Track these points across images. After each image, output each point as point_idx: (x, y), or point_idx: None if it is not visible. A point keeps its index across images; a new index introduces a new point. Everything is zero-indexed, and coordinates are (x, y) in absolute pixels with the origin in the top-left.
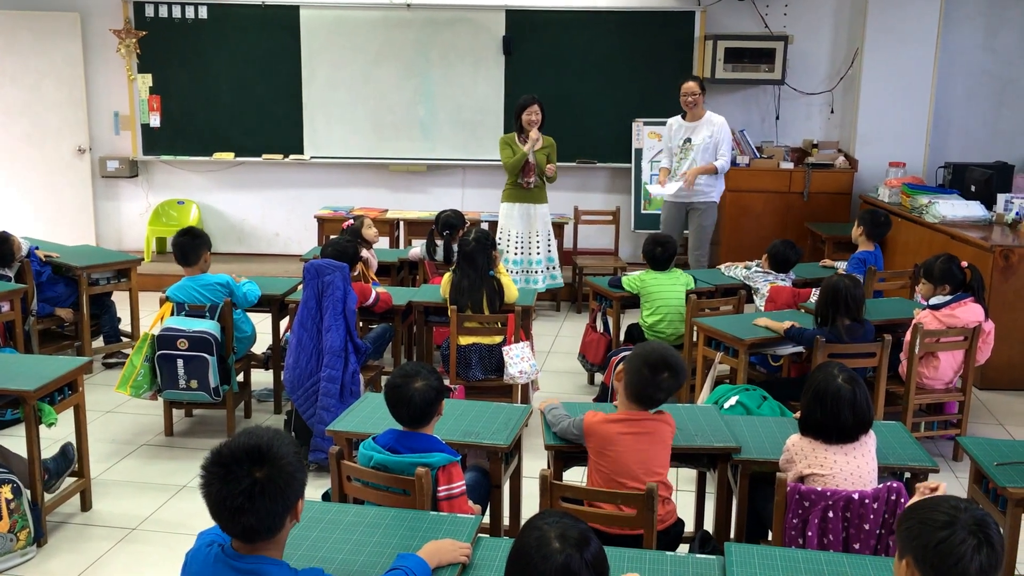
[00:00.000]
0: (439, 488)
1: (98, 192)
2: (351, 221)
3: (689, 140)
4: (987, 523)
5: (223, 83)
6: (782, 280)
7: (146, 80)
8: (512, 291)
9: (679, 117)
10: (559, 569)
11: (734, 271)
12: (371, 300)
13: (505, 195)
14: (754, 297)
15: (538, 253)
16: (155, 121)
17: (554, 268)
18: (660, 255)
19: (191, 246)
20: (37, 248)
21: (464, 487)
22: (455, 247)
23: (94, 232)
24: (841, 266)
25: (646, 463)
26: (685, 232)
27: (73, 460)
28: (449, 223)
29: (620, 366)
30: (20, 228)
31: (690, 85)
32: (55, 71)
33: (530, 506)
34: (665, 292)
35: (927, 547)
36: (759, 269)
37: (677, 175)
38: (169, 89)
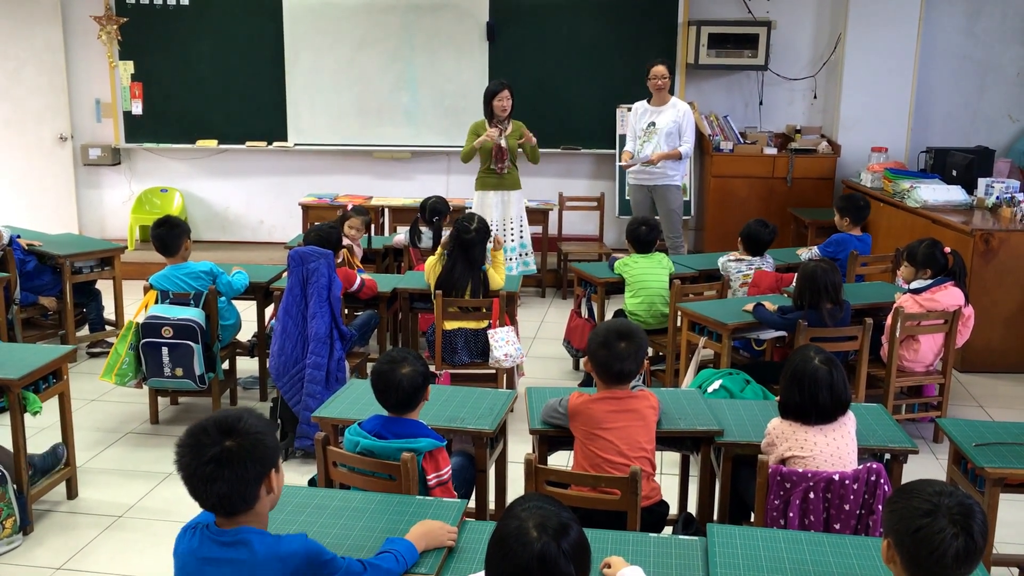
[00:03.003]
0: (429, 475)
1: (80, 180)
2: (348, 205)
3: (653, 124)
4: (971, 511)
5: (206, 70)
6: (757, 268)
7: (128, 67)
8: (496, 282)
9: (644, 101)
10: (536, 558)
11: (719, 260)
12: (356, 286)
13: (479, 183)
14: (728, 286)
15: (511, 240)
16: (137, 108)
17: (527, 255)
18: (645, 235)
19: (170, 236)
20: (19, 236)
21: (450, 472)
22: (444, 233)
23: (76, 220)
24: (807, 253)
25: (632, 440)
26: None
27: (61, 460)
28: (436, 209)
29: (585, 357)
30: (1, 217)
31: (660, 69)
32: (35, 58)
33: (515, 490)
34: (647, 276)
35: (906, 533)
36: (732, 259)
37: (640, 157)
38: (151, 76)
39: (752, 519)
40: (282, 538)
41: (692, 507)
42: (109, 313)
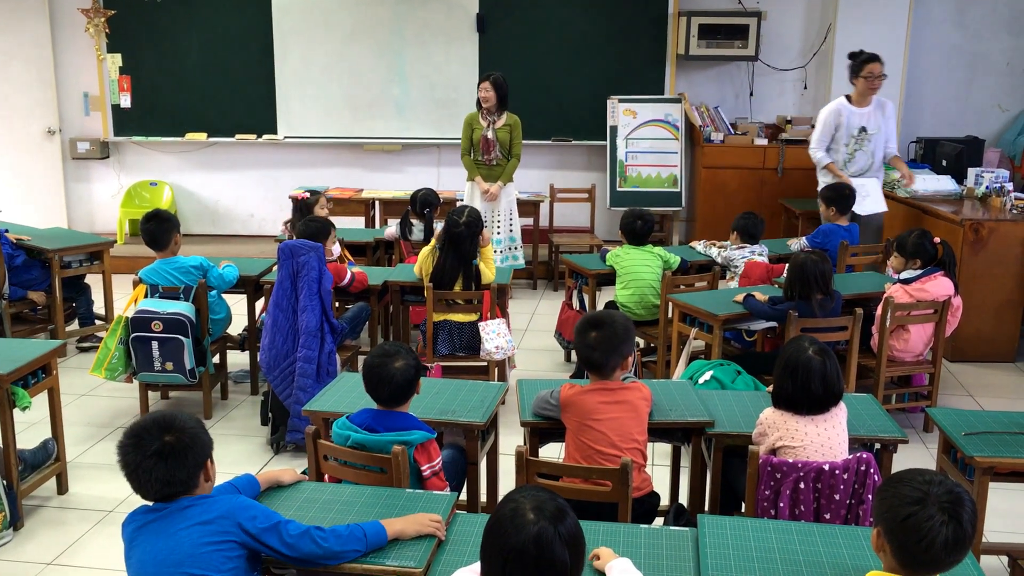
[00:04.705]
0: (423, 466)
1: (69, 174)
2: (306, 194)
3: (864, 129)
4: (960, 499)
5: (194, 62)
6: (760, 255)
7: (116, 60)
8: (487, 276)
9: (844, 102)
10: (531, 540)
11: (709, 251)
12: (346, 280)
13: (469, 173)
14: (727, 274)
15: (498, 233)
16: (126, 101)
17: (515, 248)
18: (640, 228)
19: (160, 231)
20: (7, 231)
21: (441, 462)
22: (436, 225)
23: (65, 215)
24: (796, 244)
25: (624, 431)
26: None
27: (52, 455)
28: (427, 201)
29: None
30: None
31: (879, 66)
32: (23, 52)
33: (507, 482)
34: (638, 267)
35: (895, 521)
36: (733, 248)
37: (851, 167)
38: (140, 69)
39: (743, 510)
40: (222, 485)
41: (683, 498)
42: (99, 307)
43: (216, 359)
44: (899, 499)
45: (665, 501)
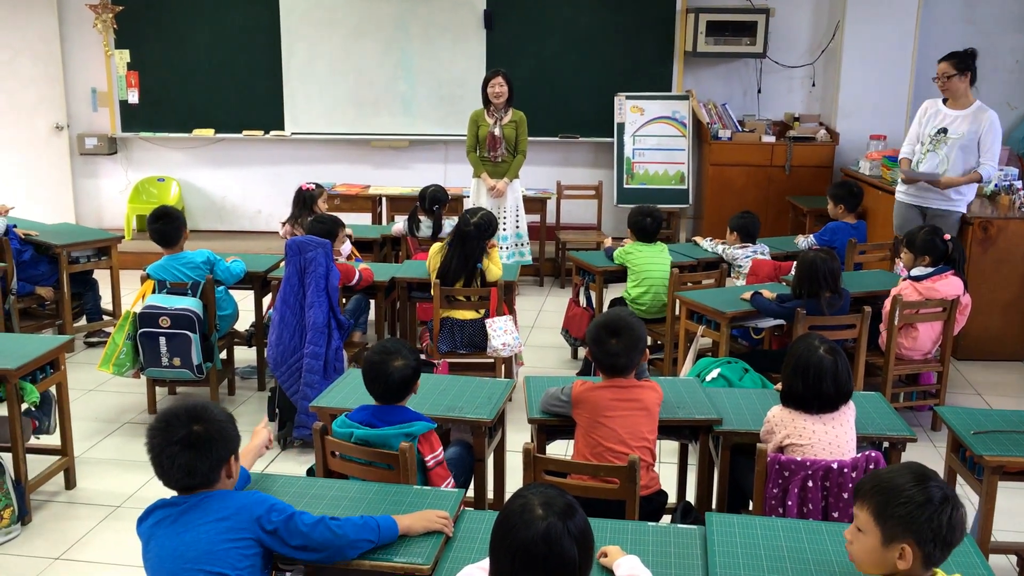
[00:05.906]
0: (426, 457)
1: (76, 170)
2: (312, 186)
3: (944, 131)
4: (945, 484)
5: (202, 58)
6: (762, 253)
7: (123, 56)
8: (493, 273)
9: (938, 100)
10: (540, 536)
11: (716, 248)
12: (355, 280)
13: (475, 170)
14: (732, 272)
15: (504, 229)
16: (133, 97)
17: (522, 245)
18: (650, 226)
19: (171, 229)
20: (16, 226)
21: (443, 452)
22: (444, 222)
23: (73, 210)
24: (804, 242)
25: (635, 430)
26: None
27: (52, 398)
28: (436, 198)
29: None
30: None
31: (940, 65)
32: (30, 47)
33: (514, 480)
34: (651, 265)
35: (939, 529)
36: (735, 247)
37: (920, 168)
38: (147, 65)
39: (751, 508)
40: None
41: (691, 496)
42: (106, 303)
43: (223, 355)
44: (928, 509)
45: (673, 499)
